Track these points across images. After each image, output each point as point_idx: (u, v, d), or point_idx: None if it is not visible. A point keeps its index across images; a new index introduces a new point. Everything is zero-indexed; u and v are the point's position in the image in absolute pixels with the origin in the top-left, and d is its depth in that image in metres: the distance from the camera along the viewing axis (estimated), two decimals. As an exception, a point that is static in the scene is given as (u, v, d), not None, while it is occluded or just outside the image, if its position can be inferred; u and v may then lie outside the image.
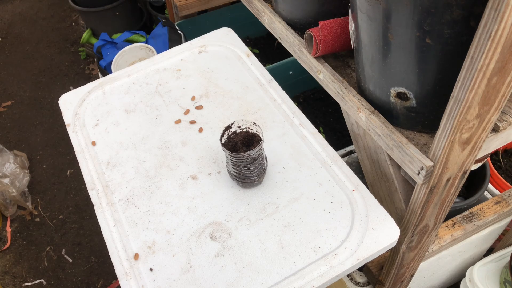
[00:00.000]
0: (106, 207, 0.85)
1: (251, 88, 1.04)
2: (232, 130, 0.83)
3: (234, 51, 1.13)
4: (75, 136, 0.99)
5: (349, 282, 1.15)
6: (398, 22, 0.60)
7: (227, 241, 0.78)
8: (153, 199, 0.86)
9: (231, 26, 1.21)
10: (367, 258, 0.75)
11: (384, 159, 0.81)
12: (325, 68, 0.85)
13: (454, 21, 0.55)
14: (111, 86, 1.08)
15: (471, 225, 1.08)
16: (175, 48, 1.16)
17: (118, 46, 2.04)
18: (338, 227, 0.78)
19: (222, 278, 0.74)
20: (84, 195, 2.02)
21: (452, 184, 0.73)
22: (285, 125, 0.95)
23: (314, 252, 0.75)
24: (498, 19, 0.46)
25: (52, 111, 2.44)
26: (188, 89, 1.06)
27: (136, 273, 0.75)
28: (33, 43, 2.84)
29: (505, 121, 0.67)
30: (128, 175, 0.90)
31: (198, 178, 0.88)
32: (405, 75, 0.66)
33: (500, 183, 1.41)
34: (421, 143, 0.72)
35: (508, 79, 0.55)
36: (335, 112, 1.77)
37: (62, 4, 3.15)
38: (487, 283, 1.21)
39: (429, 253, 1.04)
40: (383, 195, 0.88)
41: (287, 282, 0.72)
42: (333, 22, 0.82)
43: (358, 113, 0.79)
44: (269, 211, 0.82)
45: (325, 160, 0.88)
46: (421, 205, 0.75)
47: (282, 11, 0.96)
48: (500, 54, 0.50)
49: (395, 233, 0.77)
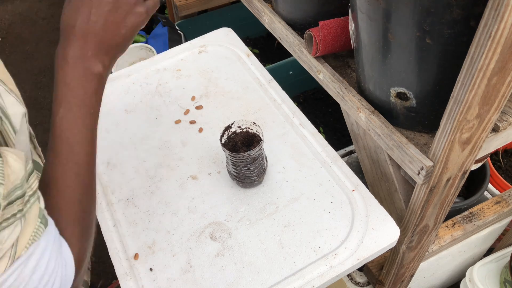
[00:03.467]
0: (106, 207, 0.85)
1: (251, 88, 1.04)
2: (232, 130, 0.83)
3: (234, 51, 1.13)
4: (75, 136, 0.99)
5: (349, 282, 1.15)
6: (398, 22, 0.60)
7: (227, 241, 0.78)
8: (153, 199, 0.86)
9: (231, 26, 1.21)
10: (367, 258, 0.75)
11: (384, 159, 0.81)
12: (325, 68, 0.85)
13: (454, 21, 0.55)
14: (111, 86, 1.08)
15: (471, 225, 1.08)
16: (175, 48, 1.16)
17: (118, 46, 2.04)
18: (338, 227, 0.78)
19: (222, 278, 0.74)
20: (84, 195, 2.02)
21: (452, 184, 0.73)
22: (285, 125, 0.95)
23: (314, 252, 0.75)
24: (498, 19, 0.46)
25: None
26: (188, 89, 1.06)
27: (136, 273, 0.75)
28: (33, 43, 2.84)
29: (505, 121, 0.67)
30: (128, 175, 0.90)
31: (198, 178, 0.88)
32: (405, 75, 0.66)
33: (500, 183, 1.41)
34: (421, 143, 0.72)
35: (508, 79, 0.55)
36: (335, 112, 1.77)
37: (62, 4, 3.14)
38: (487, 283, 1.21)
39: (429, 253, 1.04)
40: (383, 195, 0.88)
41: (287, 282, 0.72)
42: (333, 22, 0.82)
43: (358, 113, 0.79)
44: (269, 211, 0.82)
45: (325, 160, 0.88)
46: (421, 205, 0.75)
47: (282, 11, 0.96)
48: (500, 54, 0.50)
49: (395, 233, 0.77)
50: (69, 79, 0.52)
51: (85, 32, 0.53)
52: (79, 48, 0.53)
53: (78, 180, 0.52)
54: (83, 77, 0.53)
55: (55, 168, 0.52)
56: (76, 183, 0.52)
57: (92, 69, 0.53)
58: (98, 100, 0.55)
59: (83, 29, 0.53)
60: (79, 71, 0.53)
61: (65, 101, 0.52)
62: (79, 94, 0.53)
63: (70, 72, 0.52)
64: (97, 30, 0.54)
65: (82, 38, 0.53)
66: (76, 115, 0.52)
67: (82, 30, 0.53)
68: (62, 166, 0.52)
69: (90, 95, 0.53)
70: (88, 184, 0.54)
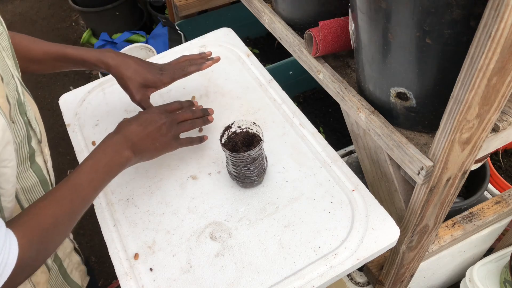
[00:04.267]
0: (106, 207, 0.85)
1: (251, 88, 1.04)
2: (232, 130, 0.83)
3: (234, 51, 1.13)
4: (75, 136, 0.99)
5: (349, 282, 1.15)
6: (398, 22, 0.60)
7: (227, 241, 0.78)
8: (153, 199, 0.86)
9: (231, 26, 1.21)
10: (367, 258, 0.75)
11: (384, 159, 0.81)
12: (325, 68, 0.85)
13: (454, 21, 0.55)
14: (111, 86, 1.08)
15: (471, 225, 1.08)
16: (175, 48, 1.16)
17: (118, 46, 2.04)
18: (338, 227, 0.78)
19: (222, 278, 0.74)
20: (84, 195, 2.02)
21: (452, 184, 0.73)
22: (285, 125, 0.95)
23: (314, 252, 0.76)
24: (498, 19, 0.46)
25: (52, 111, 2.44)
26: (188, 89, 1.06)
27: (136, 273, 0.75)
28: (33, 43, 2.84)
29: (505, 121, 0.67)
30: (128, 175, 0.90)
31: (198, 178, 0.88)
32: (405, 75, 0.66)
33: (500, 183, 1.41)
34: (421, 143, 0.72)
35: (508, 79, 0.55)
36: (335, 112, 1.77)
37: (62, 4, 3.15)
38: (487, 283, 1.21)
39: (429, 253, 1.04)
40: (383, 195, 0.88)
41: (287, 282, 0.72)
42: (333, 22, 0.82)
43: (358, 113, 0.79)
44: (269, 211, 0.82)
45: (325, 160, 0.88)
46: (421, 205, 0.75)
47: (282, 11, 0.96)
48: (500, 54, 0.50)
49: (395, 233, 0.77)
50: (105, 150, 0.72)
51: (130, 135, 0.75)
52: (122, 140, 0.74)
53: (56, 215, 0.62)
54: (114, 154, 0.72)
55: (48, 195, 0.63)
56: (51, 217, 0.62)
57: (121, 154, 0.73)
58: (111, 176, 0.72)
59: (129, 132, 0.75)
60: (114, 150, 0.73)
61: (93, 159, 0.70)
62: (105, 162, 0.70)
63: (108, 147, 0.73)
64: (138, 138, 0.76)
65: (127, 137, 0.75)
66: (92, 171, 0.68)
67: (129, 132, 0.75)
68: (52, 196, 0.63)
69: (110, 167, 0.71)
70: (62, 224, 0.64)
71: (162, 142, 0.79)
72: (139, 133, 0.76)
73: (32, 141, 0.68)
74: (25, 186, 0.68)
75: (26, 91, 0.74)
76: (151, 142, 0.77)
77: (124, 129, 0.75)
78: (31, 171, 0.69)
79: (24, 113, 0.67)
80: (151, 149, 0.78)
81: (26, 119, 0.68)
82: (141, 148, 0.76)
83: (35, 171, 0.70)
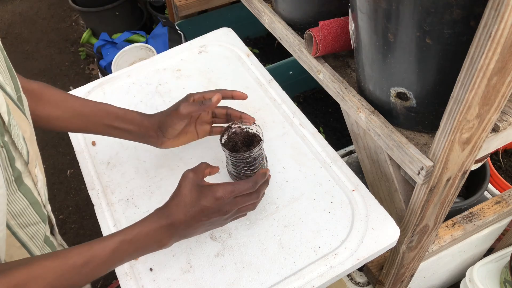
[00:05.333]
0: (106, 207, 0.85)
1: (251, 88, 1.04)
2: (232, 130, 0.83)
3: (234, 51, 1.13)
4: (75, 136, 0.99)
5: (349, 282, 1.15)
6: (398, 22, 0.60)
7: (227, 241, 0.78)
8: (153, 199, 0.86)
9: (231, 26, 1.21)
10: (367, 258, 0.75)
11: (384, 159, 0.81)
12: (325, 68, 0.85)
13: (454, 21, 0.55)
14: (111, 86, 1.08)
15: (471, 225, 1.08)
16: (175, 48, 1.16)
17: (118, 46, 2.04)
18: (338, 227, 0.78)
19: (222, 278, 0.74)
20: (84, 195, 2.02)
21: (452, 184, 0.73)
22: (285, 125, 0.95)
23: (314, 252, 0.76)
24: (498, 19, 0.46)
25: (52, 111, 2.44)
26: (188, 89, 1.06)
27: (136, 273, 0.75)
28: (33, 43, 2.84)
29: (505, 121, 0.67)
30: (128, 175, 0.90)
31: (198, 178, 0.88)
32: (405, 75, 0.66)
33: (500, 183, 1.41)
34: (421, 143, 0.72)
35: (508, 79, 0.55)
36: (335, 112, 1.77)
37: (62, 4, 3.15)
38: (487, 283, 1.21)
39: (429, 253, 1.04)
40: (383, 195, 0.88)
41: (287, 282, 0.72)
42: (333, 22, 0.82)
43: (358, 113, 0.79)
44: (269, 211, 0.82)
45: (325, 160, 0.88)
46: (421, 205, 0.75)
47: (282, 11, 0.96)
48: (500, 54, 0.50)
49: (395, 233, 0.77)
50: (147, 235, 0.64)
51: (180, 225, 0.65)
52: (168, 230, 0.65)
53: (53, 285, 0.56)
54: (153, 243, 0.65)
55: (59, 256, 0.57)
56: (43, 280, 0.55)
57: (160, 243, 0.65)
58: (135, 257, 0.65)
59: (180, 222, 0.65)
60: (155, 239, 0.65)
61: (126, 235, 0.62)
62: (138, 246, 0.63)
63: (150, 233, 0.64)
64: (186, 228, 0.66)
65: (176, 227, 0.65)
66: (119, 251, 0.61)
67: (179, 222, 0.65)
68: (63, 262, 0.57)
69: (141, 252, 0.65)
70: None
71: (205, 230, 0.70)
72: (192, 225, 0.66)
73: (16, 162, 0.61)
74: (14, 210, 0.62)
75: (20, 109, 0.65)
76: (197, 231, 0.69)
77: (177, 217, 0.65)
78: (20, 194, 0.62)
79: (2, 134, 0.57)
80: (192, 234, 0.70)
81: (8, 140, 0.59)
82: (183, 235, 0.68)
83: (24, 193, 0.63)
